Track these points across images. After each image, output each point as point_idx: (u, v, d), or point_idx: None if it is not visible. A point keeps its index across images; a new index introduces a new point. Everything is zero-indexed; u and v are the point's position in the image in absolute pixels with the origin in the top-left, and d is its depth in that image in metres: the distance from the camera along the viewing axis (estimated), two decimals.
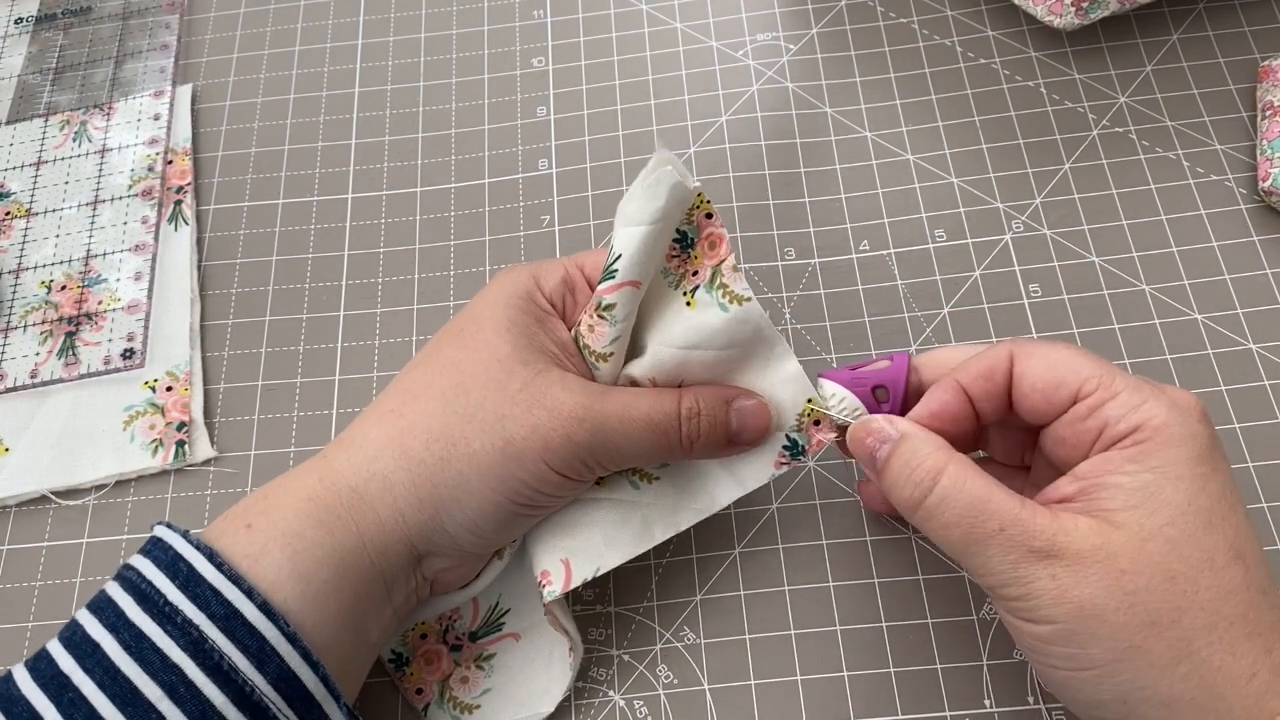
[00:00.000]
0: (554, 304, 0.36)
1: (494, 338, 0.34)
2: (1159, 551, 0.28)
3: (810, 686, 0.37)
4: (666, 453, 0.34)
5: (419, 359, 0.35)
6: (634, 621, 0.39)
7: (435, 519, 0.33)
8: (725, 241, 0.34)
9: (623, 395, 0.34)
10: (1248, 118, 0.47)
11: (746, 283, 0.33)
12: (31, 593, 0.41)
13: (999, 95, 0.49)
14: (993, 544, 0.29)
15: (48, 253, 0.48)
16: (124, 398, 0.44)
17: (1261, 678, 0.27)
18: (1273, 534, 0.38)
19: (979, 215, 0.46)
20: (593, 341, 0.34)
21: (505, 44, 0.53)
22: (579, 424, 0.32)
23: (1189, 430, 0.29)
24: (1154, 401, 0.29)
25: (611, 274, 0.33)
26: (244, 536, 0.31)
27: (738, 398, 0.35)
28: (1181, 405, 0.29)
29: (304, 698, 0.30)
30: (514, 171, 0.49)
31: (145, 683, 0.28)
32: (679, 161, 0.32)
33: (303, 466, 0.34)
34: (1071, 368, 0.31)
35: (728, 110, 0.50)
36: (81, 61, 0.55)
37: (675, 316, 0.34)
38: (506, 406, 0.32)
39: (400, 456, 0.33)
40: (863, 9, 0.52)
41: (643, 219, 0.32)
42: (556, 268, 0.36)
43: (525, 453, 0.32)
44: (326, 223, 0.49)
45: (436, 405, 0.33)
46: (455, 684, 0.38)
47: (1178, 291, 0.44)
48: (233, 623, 0.29)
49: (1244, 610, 0.27)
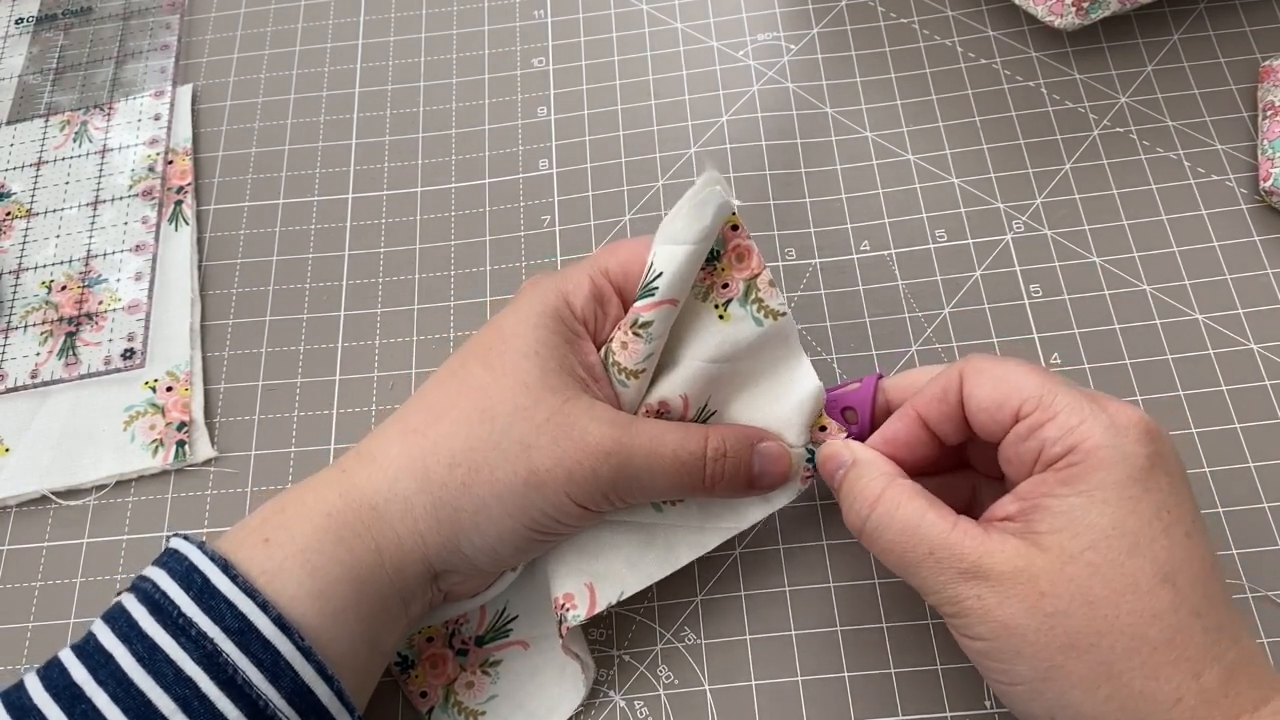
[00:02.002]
0: (584, 322, 0.35)
1: (522, 361, 0.33)
2: (1079, 575, 0.28)
3: (811, 687, 0.37)
4: (688, 490, 0.34)
5: (444, 374, 0.35)
6: (634, 622, 0.39)
7: (454, 541, 0.33)
8: (756, 254, 0.33)
9: (650, 429, 0.33)
10: (1249, 118, 0.47)
11: (784, 298, 0.33)
12: (32, 593, 0.41)
13: (1000, 95, 0.49)
14: (924, 566, 0.30)
15: (48, 253, 0.48)
16: (124, 398, 0.44)
17: (1187, 703, 0.27)
18: (1274, 534, 0.38)
19: (980, 215, 0.46)
20: (624, 359, 0.34)
21: (506, 44, 0.53)
22: (605, 458, 0.32)
23: (1123, 452, 0.29)
24: (1091, 422, 0.29)
25: (650, 291, 0.33)
26: (262, 551, 0.31)
27: (762, 439, 0.35)
28: (1120, 424, 0.29)
29: (318, 712, 0.30)
30: (514, 171, 0.49)
31: (159, 696, 0.28)
32: (725, 182, 0.32)
33: (321, 479, 0.34)
34: (1014, 386, 0.31)
35: (728, 110, 0.50)
36: (82, 62, 0.55)
37: (708, 330, 0.34)
38: (532, 436, 0.32)
39: (422, 479, 0.32)
40: (863, 9, 0.52)
41: (687, 238, 0.32)
42: (584, 281, 0.35)
43: (548, 484, 0.32)
44: (327, 223, 0.49)
45: (461, 429, 0.33)
46: (460, 689, 0.37)
47: (1179, 291, 0.44)
48: (247, 636, 0.29)
49: (1170, 635, 0.27)
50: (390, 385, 0.44)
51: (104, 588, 0.41)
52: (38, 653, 0.40)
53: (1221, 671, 0.27)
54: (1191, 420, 0.41)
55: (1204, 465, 0.40)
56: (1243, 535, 0.38)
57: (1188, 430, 0.40)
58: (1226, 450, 0.40)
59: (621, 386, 0.34)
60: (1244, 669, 0.28)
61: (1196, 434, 0.40)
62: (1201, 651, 0.27)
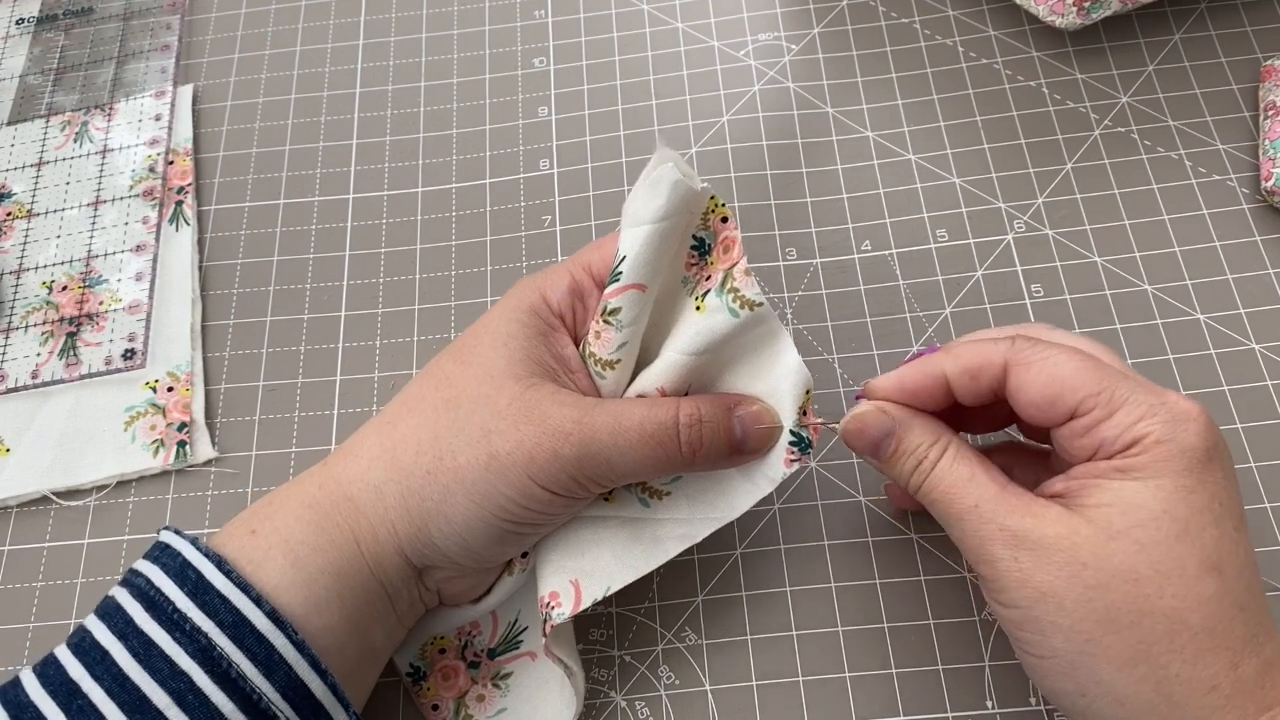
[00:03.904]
0: (561, 315, 0.35)
1: (490, 353, 0.33)
2: (1125, 550, 0.28)
3: (812, 687, 0.37)
4: (667, 464, 0.33)
5: (422, 372, 0.35)
6: (635, 622, 0.39)
7: (424, 531, 0.33)
8: (738, 244, 0.32)
9: (615, 407, 0.33)
10: (1250, 117, 0.47)
11: (758, 287, 0.32)
12: (33, 593, 0.41)
13: (1001, 95, 0.49)
14: (967, 518, 0.30)
15: (49, 253, 0.48)
16: (125, 398, 0.44)
17: (1223, 690, 0.27)
18: (1275, 534, 0.38)
19: (981, 215, 0.46)
20: (599, 349, 0.33)
21: (506, 44, 0.53)
22: (565, 439, 0.32)
23: (1182, 445, 0.29)
24: (1150, 419, 0.29)
25: (616, 277, 0.32)
26: (248, 541, 0.31)
27: (740, 404, 0.34)
28: (1180, 416, 0.29)
29: (312, 705, 0.30)
30: (515, 172, 0.49)
31: (154, 690, 0.28)
32: (681, 159, 0.32)
33: (306, 473, 0.34)
34: (1069, 384, 0.30)
35: (729, 110, 0.50)
36: (83, 62, 0.55)
37: (685, 322, 0.34)
38: (493, 421, 0.32)
39: (391, 468, 0.33)
40: (864, 9, 0.52)
41: (645, 218, 0.32)
42: (562, 276, 0.35)
43: (509, 468, 0.32)
44: (328, 223, 0.49)
45: (428, 419, 0.33)
46: (472, 702, 0.37)
47: (1180, 291, 0.43)
48: (241, 630, 0.29)
49: (1212, 623, 0.27)
50: (391, 385, 0.44)
51: (104, 588, 0.41)
52: (38, 653, 0.39)
53: (1259, 664, 0.27)
54: None
55: None
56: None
57: None
58: (1232, 461, 0.40)
59: (599, 378, 0.34)
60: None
61: None
62: (1242, 643, 0.27)
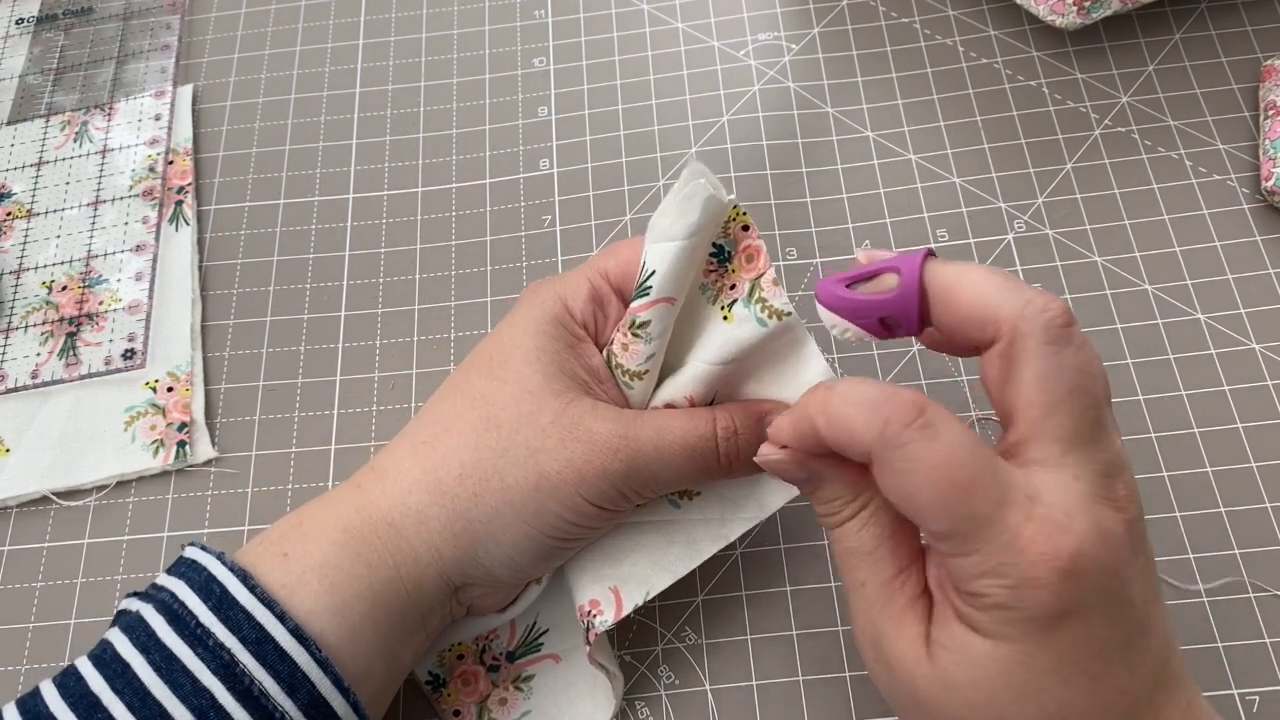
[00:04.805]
0: (584, 325, 0.35)
1: (524, 368, 0.33)
2: (956, 705, 0.26)
3: (812, 687, 0.37)
4: (705, 475, 0.33)
5: (448, 388, 0.35)
6: (635, 622, 0.39)
7: (470, 553, 0.32)
8: (763, 254, 0.33)
9: (656, 420, 0.33)
10: (1250, 117, 0.47)
11: (786, 297, 0.32)
12: (32, 594, 0.41)
13: (1001, 95, 0.49)
14: (853, 594, 0.29)
15: (49, 253, 0.48)
16: (125, 398, 0.44)
17: None
18: (1276, 533, 0.38)
19: (981, 215, 0.46)
20: (626, 360, 0.33)
21: (506, 44, 0.53)
22: (613, 455, 0.32)
23: (1026, 611, 0.24)
24: (993, 578, 0.25)
25: (645, 291, 0.32)
26: (280, 565, 0.31)
27: (770, 412, 0.34)
28: (1029, 576, 0.24)
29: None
30: (515, 171, 0.49)
31: (175, 706, 0.28)
32: (713, 175, 0.32)
33: (337, 494, 0.34)
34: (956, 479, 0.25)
35: (729, 110, 0.50)
36: (83, 62, 0.55)
37: (712, 332, 0.34)
38: (539, 440, 0.32)
39: (434, 491, 0.32)
40: (864, 9, 0.52)
41: (676, 234, 0.32)
42: (582, 284, 0.35)
43: (560, 487, 0.32)
44: (327, 223, 0.49)
45: (468, 439, 0.33)
46: (494, 705, 0.37)
47: (1180, 291, 0.43)
48: (265, 647, 0.29)
49: None
50: (391, 385, 0.44)
51: (104, 588, 0.41)
52: (38, 653, 0.40)
53: None
54: (1194, 420, 0.41)
55: (1206, 465, 0.40)
56: (1245, 535, 0.38)
57: (1190, 430, 0.40)
58: (1229, 450, 0.40)
59: (627, 389, 0.34)
60: None
61: (1199, 434, 0.40)
62: None
